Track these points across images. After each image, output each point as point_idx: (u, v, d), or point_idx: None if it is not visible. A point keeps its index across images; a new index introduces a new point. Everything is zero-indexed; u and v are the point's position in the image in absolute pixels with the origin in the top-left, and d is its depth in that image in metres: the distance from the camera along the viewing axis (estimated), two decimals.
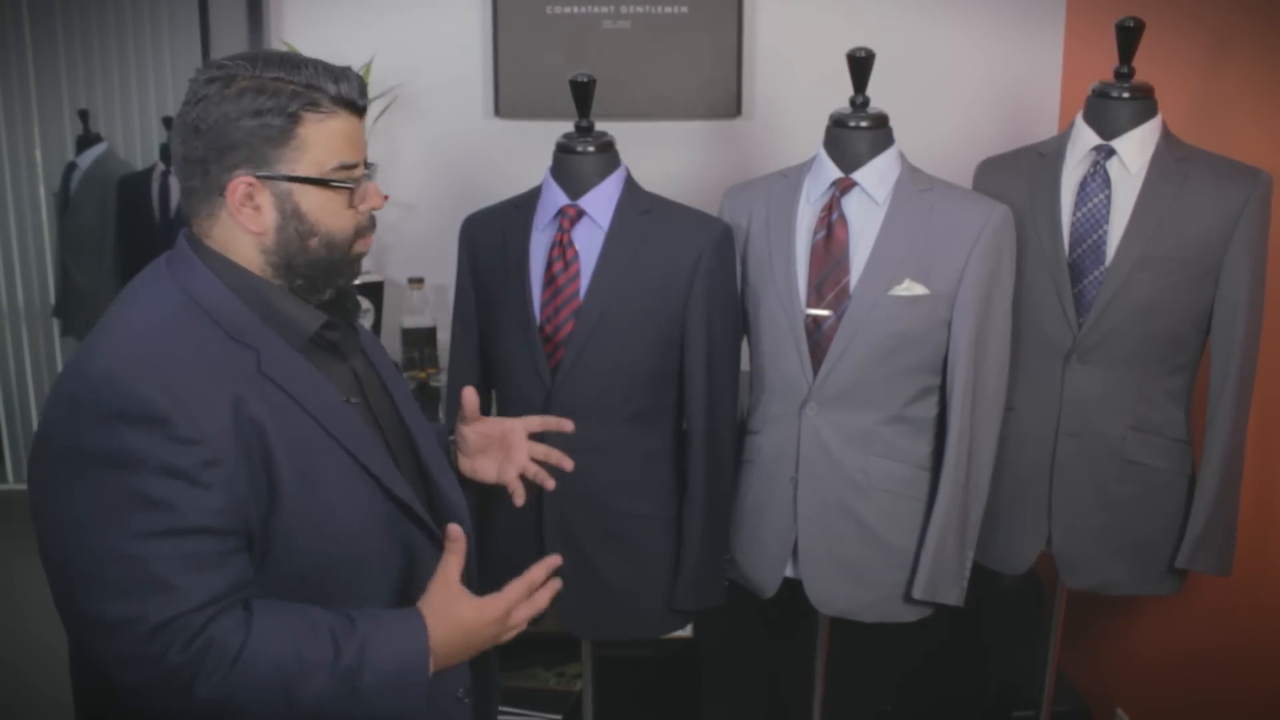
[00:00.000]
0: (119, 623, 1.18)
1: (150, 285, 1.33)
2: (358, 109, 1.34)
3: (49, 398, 1.27)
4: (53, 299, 4.93)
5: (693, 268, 1.99)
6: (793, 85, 2.87)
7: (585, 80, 2.04)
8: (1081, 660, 2.81)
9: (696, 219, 2.05)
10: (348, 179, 1.33)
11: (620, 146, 2.08)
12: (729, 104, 2.87)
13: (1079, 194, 2.12)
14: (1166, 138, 2.10)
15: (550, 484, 1.66)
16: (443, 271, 2.74)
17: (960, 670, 2.82)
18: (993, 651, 2.81)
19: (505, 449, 1.61)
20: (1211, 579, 2.24)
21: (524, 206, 2.08)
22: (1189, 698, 2.46)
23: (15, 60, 4.84)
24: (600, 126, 2.06)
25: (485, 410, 2.18)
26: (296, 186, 1.30)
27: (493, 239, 2.08)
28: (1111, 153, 2.10)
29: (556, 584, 1.40)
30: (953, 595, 2.10)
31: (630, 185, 2.06)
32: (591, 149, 2.03)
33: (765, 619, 2.68)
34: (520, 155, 2.81)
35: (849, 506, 2.06)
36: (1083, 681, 2.82)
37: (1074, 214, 2.12)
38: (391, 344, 2.79)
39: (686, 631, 2.49)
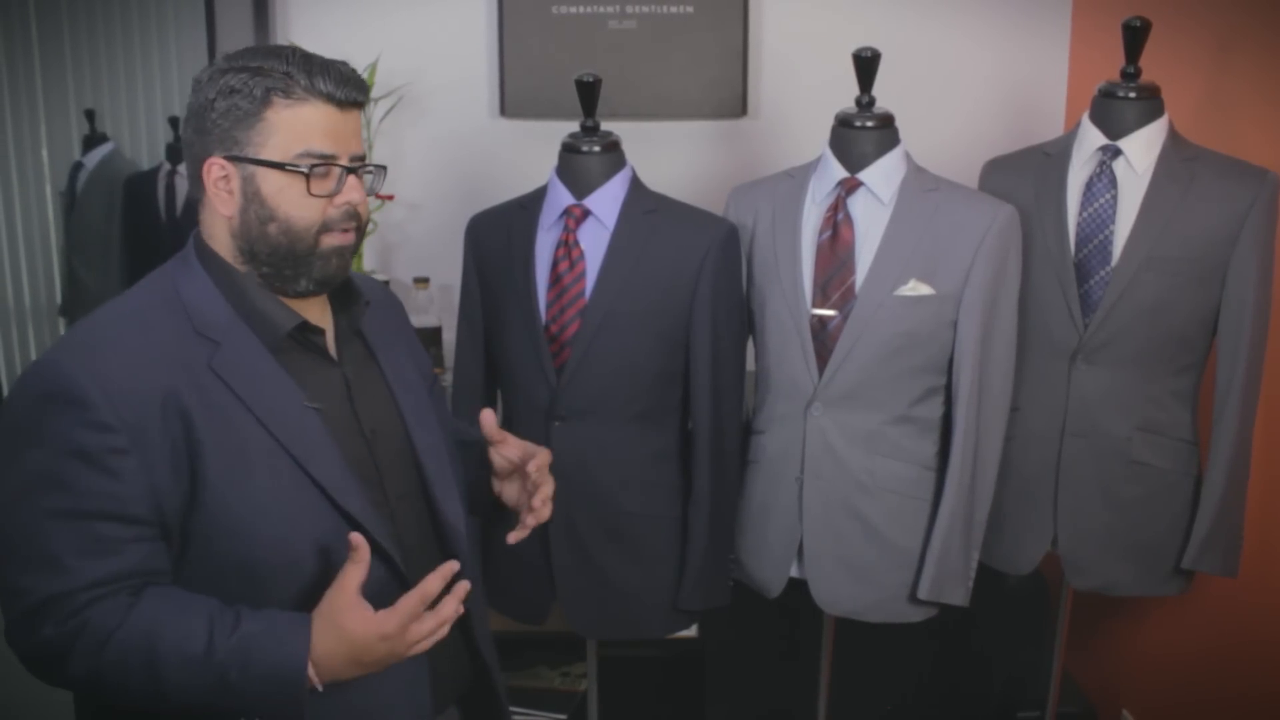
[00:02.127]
0: (17, 591, 1.23)
1: (147, 280, 1.36)
2: (337, 101, 1.32)
3: None
4: (59, 298, 4.94)
5: (698, 268, 1.99)
6: (798, 85, 2.87)
7: (591, 80, 2.04)
8: (1087, 661, 2.80)
9: (702, 219, 2.05)
10: (303, 166, 1.30)
11: (626, 146, 2.08)
12: (734, 104, 2.87)
13: (1085, 194, 2.12)
14: (1173, 138, 2.10)
15: (527, 523, 1.56)
16: (448, 271, 2.75)
17: (965, 671, 2.81)
18: (997, 652, 2.80)
19: (525, 477, 1.56)
20: (1218, 580, 2.24)
21: (529, 206, 2.08)
22: (1195, 698, 2.46)
23: (22, 59, 4.85)
24: (606, 126, 2.06)
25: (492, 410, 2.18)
26: (260, 170, 1.31)
27: (498, 239, 2.08)
28: (1118, 153, 2.10)
29: (463, 588, 1.30)
30: (958, 595, 2.10)
31: (636, 185, 2.06)
32: (597, 149, 2.03)
33: (770, 619, 2.68)
34: (526, 155, 2.81)
35: (854, 507, 2.06)
36: (1088, 682, 2.81)
37: (1080, 214, 2.12)
38: None
39: (691, 631, 2.50)
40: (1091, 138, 2.12)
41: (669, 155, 2.82)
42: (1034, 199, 2.15)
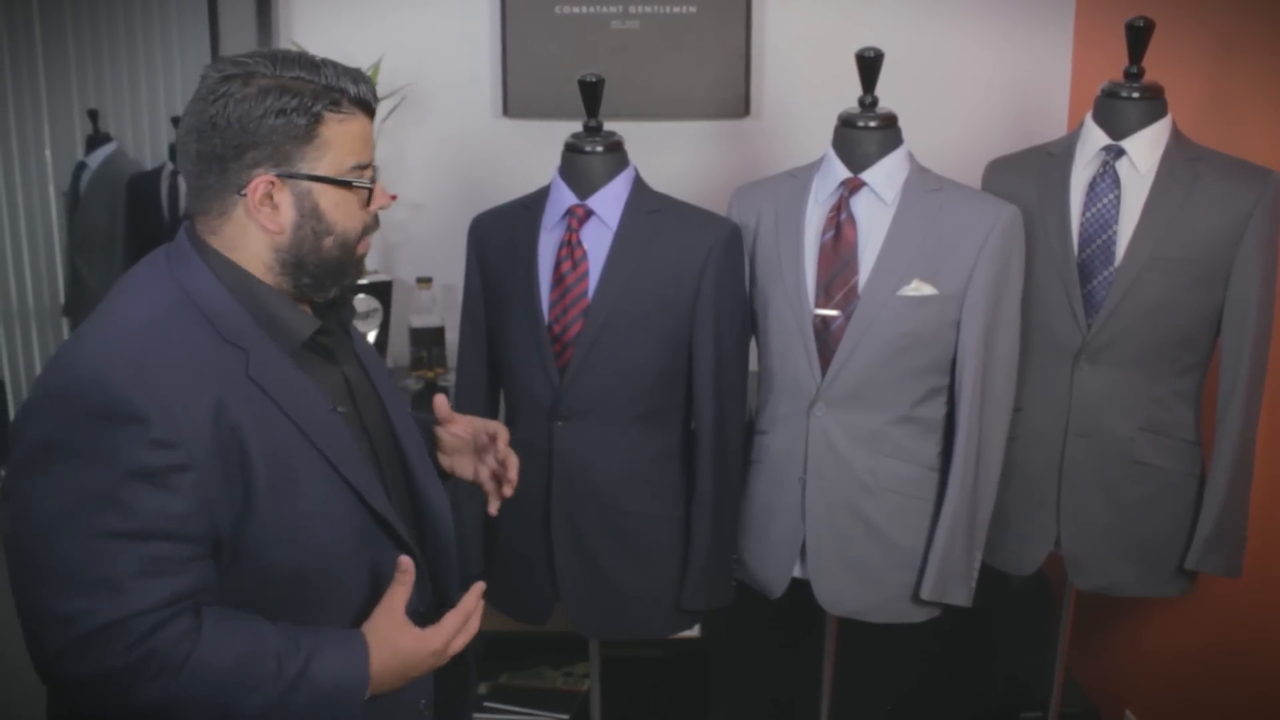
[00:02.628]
0: (65, 618, 1.17)
1: (146, 279, 1.31)
2: (370, 110, 1.34)
3: (35, 384, 1.25)
4: (62, 298, 4.94)
5: (701, 267, 1.99)
6: (801, 85, 2.87)
7: (594, 80, 2.04)
8: (1090, 661, 2.80)
9: (705, 219, 2.05)
10: (364, 179, 1.33)
11: (629, 146, 2.08)
12: (737, 104, 2.87)
13: (1088, 194, 2.12)
14: (1176, 138, 2.10)
15: (505, 493, 1.63)
16: (451, 271, 2.75)
17: (968, 671, 2.81)
18: (1001, 652, 2.80)
19: (478, 450, 1.62)
20: (1221, 580, 2.23)
21: (532, 206, 2.08)
22: (1198, 699, 2.46)
23: (25, 59, 4.85)
24: (609, 126, 2.06)
25: (495, 411, 2.19)
26: (317, 186, 1.30)
27: (501, 239, 2.08)
28: (1121, 153, 2.09)
29: (480, 587, 1.39)
30: (961, 596, 2.10)
31: (639, 185, 2.06)
32: (600, 149, 2.03)
33: (773, 619, 2.68)
34: (529, 155, 2.81)
35: (857, 507, 2.06)
36: (1091, 683, 2.81)
37: (1083, 214, 2.12)
38: (400, 343, 2.79)
39: (694, 632, 2.49)
40: (1095, 138, 2.12)
41: (672, 155, 2.82)
42: (1037, 199, 2.15)
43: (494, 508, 1.62)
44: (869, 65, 2.04)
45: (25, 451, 1.22)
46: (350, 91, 1.30)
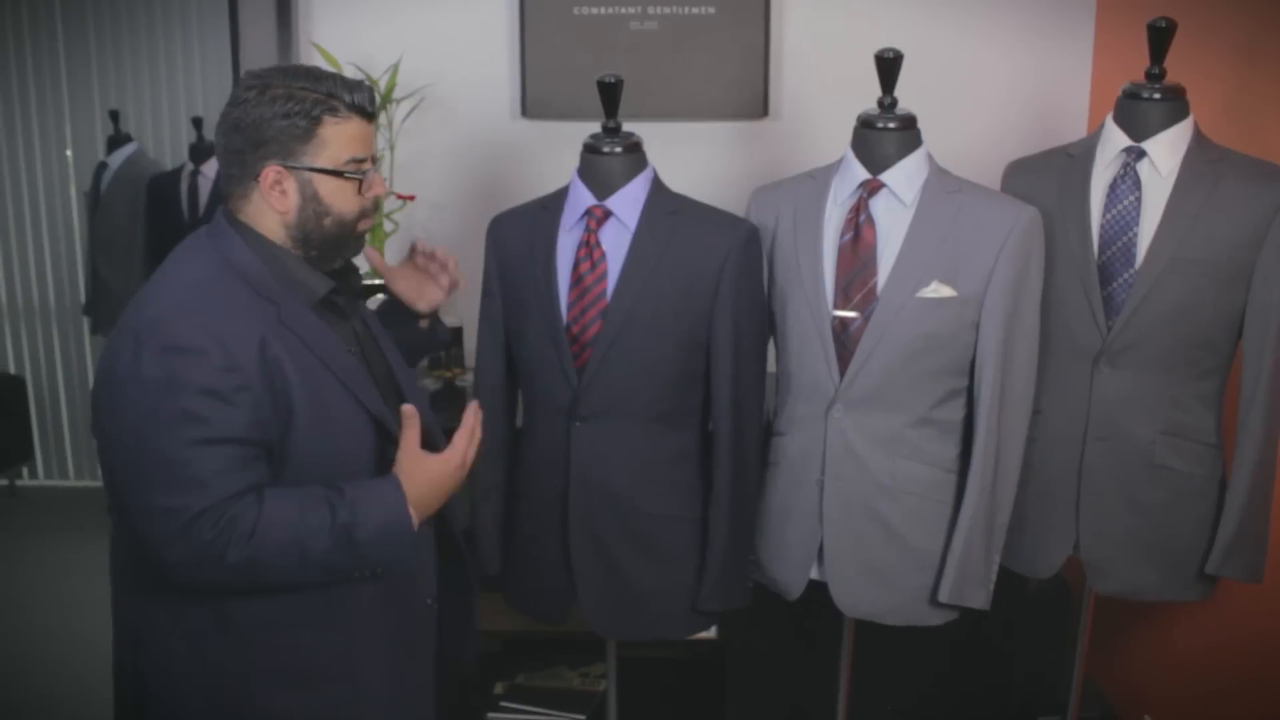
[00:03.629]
0: (167, 511, 1.48)
1: (194, 250, 1.63)
2: (367, 114, 1.63)
3: (113, 334, 1.55)
4: (83, 297, 4.98)
5: (719, 269, 1.99)
6: (820, 86, 2.87)
7: (613, 81, 2.04)
8: (1109, 666, 2.79)
9: (723, 220, 2.05)
10: (357, 171, 1.62)
11: (647, 147, 2.08)
12: (756, 105, 2.87)
13: (1109, 196, 2.11)
14: (1198, 139, 2.09)
15: (462, 283, 1.98)
16: (469, 271, 2.75)
17: (985, 675, 2.80)
18: (1019, 656, 2.79)
19: (424, 274, 1.95)
20: (1242, 585, 2.22)
21: (551, 207, 2.08)
22: (1218, 705, 2.44)
23: (48, 61, 4.89)
24: (627, 127, 2.06)
25: (513, 412, 2.19)
26: (316, 175, 1.60)
27: (520, 239, 2.08)
28: (1142, 154, 2.08)
29: (475, 404, 1.70)
30: (979, 599, 2.09)
31: (657, 186, 2.06)
32: (619, 150, 2.03)
33: (790, 621, 2.68)
34: (547, 156, 2.82)
35: (875, 509, 2.05)
36: (1110, 687, 2.80)
37: (1104, 216, 2.11)
38: None
39: (711, 633, 2.49)
40: (1115, 139, 2.11)
41: (690, 156, 2.82)
42: (1057, 201, 2.14)
43: (461, 283, 1.98)
44: (888, 66, 2.03)
45: (115, 386, 1.52)
46: (346, 99, 1.59)
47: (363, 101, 1.61)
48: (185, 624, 1.61)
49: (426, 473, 1.62)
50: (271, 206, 1.60)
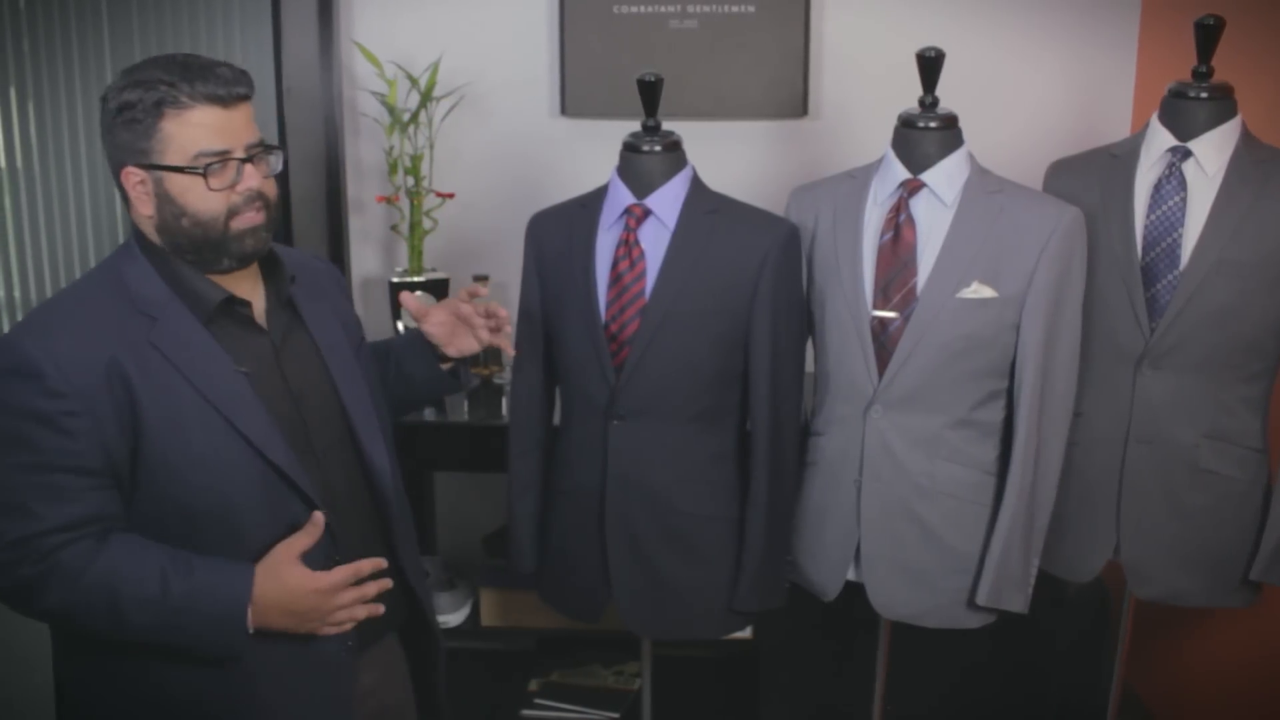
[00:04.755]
0: None
1: (99, 267, 1.58)
2: (221, 101, 1.49)
3: None
4: None
5: (759, 268, 1.99)
6: (860, 85, 2.85)
7: (653, 80, 2.04)
8: (1149, 673, 2.76)
9: (763, 219, 2.05)
10: (206, 166, 1.48)
11: (686, 146, 2.07)
12: (795, 104, 2.86)
13: (1153, 196, 2.08)
14: (1246, 139, 2.06)
15: (512, 348, 1.94)
16: (508, 269, 2.77)
17: (1023, 680, 2.78)
18: (1057, 661, 2.77)
19: (465, 322, 1.84)
20: None
21: (590, 205, 2.09)
22: (1260, 715, 2.41)
23: (94, 62, 4.95)
24: (667, 126, 2.06)
25: (551, 409, 2.20)
26: (166, 174, 1.49)
27: (559, 237, 2.09)
28: (1188, 154, 2.06)
29: (385, 583, 1.56)
30: (1017, 602, 2.08)
31: (697, 185, 2.06)
32: (658, 148, 2.03)
33: (826, 622, 2.67)
34: (586, 154, 2.82)
35: (913, 510, 2.04)
36: (1150, 696, 2.77)
37: (1148, 216, 2.08)
38: None
39: (746, 633, 2.49)
40: (1161, 139, 2.09)
41: (730, 155, 2.82)
42: (1100, 201, 2.12)
43: (507, 347, 1.91)
44: (930, 65, 2.02)
45: None
46: (184, 89, 1.46)
47: (210, 89, 1.47)
48: (80, 657, 1.56)
49: (285, 581, 1.48)
50: (138, 211, 1.52)
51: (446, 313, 1.84)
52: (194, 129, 1.48)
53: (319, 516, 1.51)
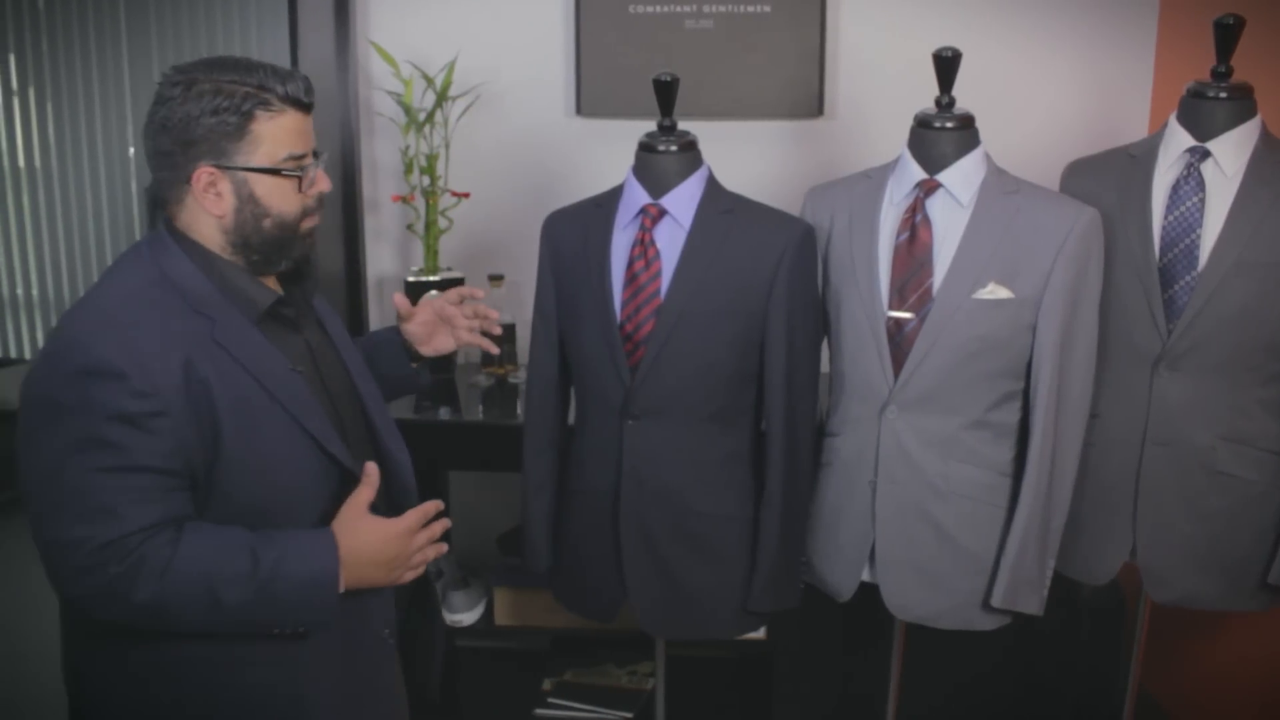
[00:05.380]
0: (73, 542, 1.39)
1: (130, 262, 1.53)
2: (304, 106, 1.53)
3: (37, 354, 1.45)
4: None
5: (774, 268, 1.98)
6: (876, 85, 2.85)
7: (668, 79, 2.04)
8: (1164, 677, 2.74)
9: (778, 219, 2.04)
10: (296, 168, 1.52)
11: (702, 146, 2.07)
12: (811, 104, 2.85)
13: (1171, 197, 2.07)
14: (1265, 139, 2.05)
15: (494, 348, 1.92)
16: (523, 269, 2.77)
17: (1038, 682, 2.77)
18: (1072, 664, 2.76)
19: (447, 322, 1.87)
20: None
21: (605, 205, 2.09)
22: (1276, 719, 2.39)
23: (111, 60, 4.99)
24: (682, 126, 2.06)
25: (565, 409, 2.20)
26: (252, 175, 1.50)
27: (574, 237, 2.09)
28: (1206, 154, 2.05)
29: (446, 523, 1.60)
30: (1032, 604, 2.07)
31: (712, 185, 2.06)
32: (674, 148, 2.03)
33: (840, 623, 2.67)
34: (602, 154, 2.82)
35: (928, 511, 2.04)
36: (1166, 699, 2.75)
37: (1165, 217, 2.07)
38: None
39: (760, 633, 2.49)
40: (1179, 139, 2.08)
41: (745, 155, 2.82)
42: (1117, 202, 2.11)
43: (489, 347, 1.91)
44: (946, 65, 2.01)
45: (29, 409, 1.43)
46: (278, 91, 1.49)
47: (298, 93, 1.50)
48: (125, 664, 1.52)
49: (366, 534, 1.51)
50: (207, 210, 1.50)
51: (430, 312, 1.87)
52: (284, 132, 1.50)
53: (372, 467, 1.54)
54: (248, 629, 1.48)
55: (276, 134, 1.49)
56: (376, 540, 1.51)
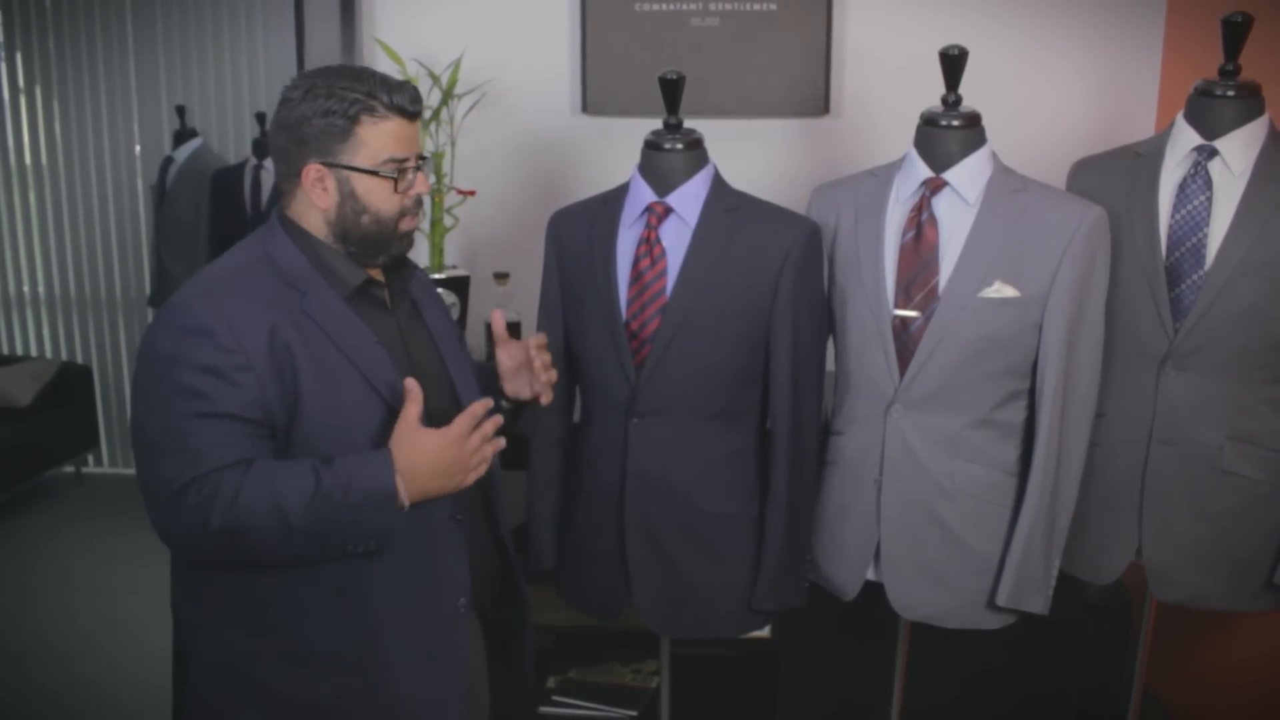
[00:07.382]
0: (161, 479, 1.56)
1: (243, 244, 1.71)
2: (408, 114, 1.66)
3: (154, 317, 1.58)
4: (148, 289, 5.07)
5: (780, 266, 1.98)
6: (882, 83, 2.85)
7: (674, 77, 2.04)
8: (1170, 676, 2.74)
9: (784, 217, 2.04)
10: (394, 170, 1.65)
11: (708, 144, 2.07)
12: (817, 102, 2.85)
13: (1178, 195, 2.07)
14: (1273, 137, 2.04)
15: (546, 400, 1.89)
16: (528, 267, 2.77)
17: (1043, 682, 2.77)
18: (1077, 663, 2.75)
19: (529, 370, 1.90)
20: None
21: (611, 203, 2.09)
22: None
23: (118, 58, 4.99)
24: (688, 124, 2.06)
25: (571, 406, 2.20)
26: (353, 174, 1.64)
27: (580, 235, 2.09)
28: (1214, 153, 2.04)
29: (498, 420, 1.66)
30: (1038, 603, 2.07)
31: (718, 183, 2.06)
32: (680, 146, 2.03)
33: (845, 622, 2.66)
34: (608, 152, 2.82)
35: (933, 510, 2.03)
36: (1171, 699, 2.75)
37: (1172, 216, 2.07)
38: (477, 337, 2.82)
39: (765, 632, 2.48)
40: (1186, 138, 2.07)
41: (751, 153, 2.82)
42: (1124, 201, 2.11)
43: (546, 399, 1.89)
44: (953, 63, 2.01)
45: (139, 363, 1.62)
46: (384, 99, 1.63)
47: (403, 102, 1.64)
48: (211, 603, 1.67)
49: (420, 445, 1.59)
50: (313, 203, 1.66)
51: (522, 352, 1.90)
52: (386, 137, 1.64)
53: (411, 382, 1.60)
54: (320, 551, 1.59)
55: (379, 138, 1.63)
56: (432, 449, 1.59)
